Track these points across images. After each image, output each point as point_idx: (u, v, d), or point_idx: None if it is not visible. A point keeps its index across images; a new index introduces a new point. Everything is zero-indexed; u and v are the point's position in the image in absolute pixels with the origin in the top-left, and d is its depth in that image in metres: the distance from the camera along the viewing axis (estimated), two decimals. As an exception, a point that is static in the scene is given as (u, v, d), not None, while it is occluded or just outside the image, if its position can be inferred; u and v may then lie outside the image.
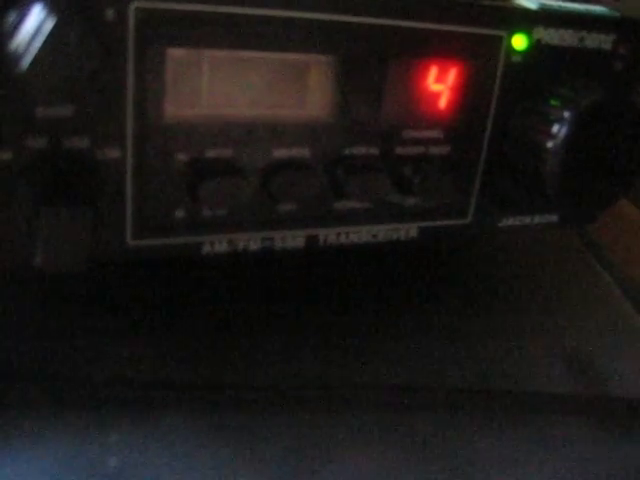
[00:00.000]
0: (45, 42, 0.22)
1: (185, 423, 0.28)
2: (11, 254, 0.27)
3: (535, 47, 0.34)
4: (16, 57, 0.23)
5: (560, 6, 0.35)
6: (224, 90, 0.29)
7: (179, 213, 0.29)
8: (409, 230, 0.35)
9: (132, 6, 0.26)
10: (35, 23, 0.23)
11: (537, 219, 0.38)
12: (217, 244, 0.31)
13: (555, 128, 0.32)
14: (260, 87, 0.29)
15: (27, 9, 0.24)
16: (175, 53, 0.27)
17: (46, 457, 0.25)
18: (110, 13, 0.25)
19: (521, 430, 0.31)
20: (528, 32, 0.33)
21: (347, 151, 0.32)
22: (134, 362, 0.30)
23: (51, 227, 0.24)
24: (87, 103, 0.26)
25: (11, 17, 0.24)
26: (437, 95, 0.33)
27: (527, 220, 0.38)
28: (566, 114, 0.32)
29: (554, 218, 0.39)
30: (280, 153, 0.30)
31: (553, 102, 0.33)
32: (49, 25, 0.22)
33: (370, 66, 0.31)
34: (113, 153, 0.27)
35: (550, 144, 0.32)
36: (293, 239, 0.32)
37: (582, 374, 0.35)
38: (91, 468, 0.25)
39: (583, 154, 0.33)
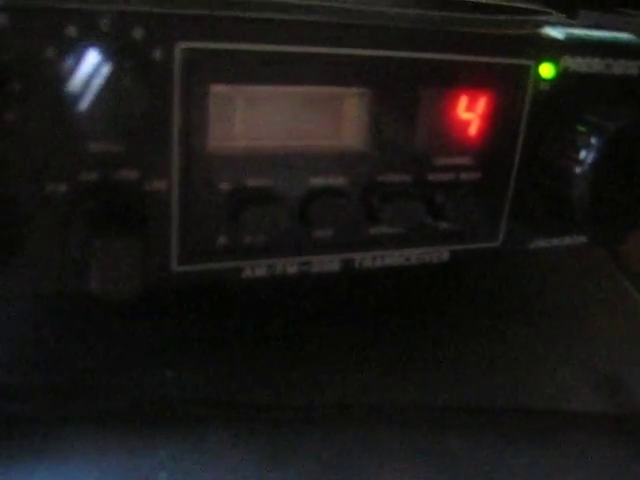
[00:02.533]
0: (103, 84, 0.24)
1: (229, 440, 0.29)
2: (67, 280, 0.28)
3: (562, 75, 0.35)
4: (73, 98, 0.25)
5: (586, 34, 0.36)
6: (263, 123, 0.30)
7: (221, 240, 0.31)
8: (441, 253, 0.36)
9: (178, 47, 0.27)
10: (91, 67, 0.25)
11: (566, 241, 0.39)
12: (257, 269, 0.32)
13: (583, 154, 0.33)
14: (297, 119, 0.31)
15: (83, 54, 0.25)
16: (217, 89, 0.29)
17: (101, 471, 0.27)
18: (158, 54, 0.27)
19: (556, 449, 0.31)
20: (555, 61, 0.34)
21: (381, 178, 0.33)
22: (179, 382, 0.31)
23: (105, 256, 0.26)
24: (136, 138, 0.28)
25: (68, 61, 0.26)
26: (467, 123, 0.34)
27: (556, 242, 0.39)
28: (593, 140, 0.33)
29: (583, 240, 0.39)
30: (317, 181, 0.32)
31: (580, 128, 0.34)
32: (106, 69, 0.24)
33: (402, 97, 0.32)
34: (160, 185, 0.29)
35: (578, 169, 0.33)
36: (329, 263, 0.33)
37: (613, 393, 0.35)
38: (143, 481, 0.27)
39: (610, 178, 0.34)
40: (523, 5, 0.39)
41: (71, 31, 0.26)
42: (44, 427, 0.28)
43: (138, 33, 0.26)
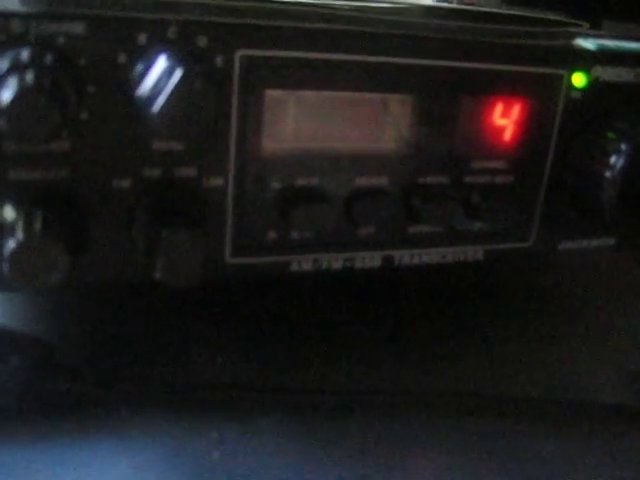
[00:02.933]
0: (171, 88, 0.26)
1: (275, 423, 0.31)
2: (132, 270, 0.30)
3: (593, 84, 0.36)
4: (142, 100, 0.27)
5: (617, 45, 0.37)
6: (313, 126, 0.32)
7: (271, 235, 0.33)
8: (476, 252, 0.37)
9: (238, 54, 0.29)
10: (159, 72, 0.27)
11: (595, 242, 0.40)
12: (304, 263, 0.34)
13: (613, 159, 0.35)
14: (344, 123, 0.33)
15: (152, 60, 0.27)
16: (272, 94, 0.31)
17: (160, 448, 0.29)
18: (219, 60, 0.29)
19: (583, 440, 0.32)
20: (587, 70, 0.36)
21: (421, 180, 0.34)
22: (229, 368, 0.33)
23: (169, 246, 0.28)
24: (196, 138, 0.29)
25: (138, 66, 0.28)
26: (503, 129, 0.35)
27: (585, 243, 0.40)
28: (623, 146, 0.35)
29: (611, 242, 0.41)
30: (361, 182, 0.33)
31: (610, 135, 0.36)
32: (174, 74, 0.26)
33: (442, 103, 0.34)
34: (217, 182, 0.31)
35: (608, 174, 0.35)
36: (371, 259, 0.35)
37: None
38: (199, 459, 0.28)
39: (638, 183, 0.35)
40: (556, 17, 0.40)
41: (141, 39, 0.28)
42: (107, 407, 0.30)
43: (202, 41, 0.29)
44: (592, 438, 0.32)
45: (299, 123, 0.32)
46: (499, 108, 0.35)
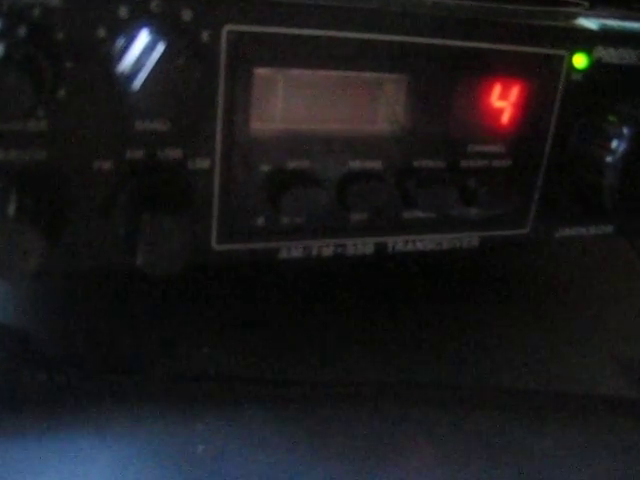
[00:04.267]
0: (154, 64, 0.24)
1: (263, 415, 0.30)
2: (113, 256, 0.29)
3: (595, 66, 0.35)
4: (123, 77, 0.26)
5: (620, 26, 0.36)
6: (304, 106, 0.31)
7: (260, 220, 0.32)
8: (471, 239, 0.36)
9: (225, 29, 0.28)
10: (141, 47, 0.25)
11: (593, 230, 0.40)
12: (293, 250, 0.33)
13: (614, 144, 0.34)
14: (337, 103, 0.31)
15: (133, 34, 0.26)
16: (261, 72, 0.29)
17: (143, 442, 0.28)
18: (205, 36, 0.28)
19: (582, 432, 0.32)
20: (588, 51, 0.35)
21: (416, 164, 0.33)
22: (215, 359, 0.32)
23: (152, 231, 0.26)
24: (181, 118, 0.28)
25: (119, 41, 0.26)
26: (500, 111, 0.34)
27: (583, 231, 0.39)
28: (625, 130, 0.34)
29: (609, 229, 0.40)
30: (354, 165, 0.32)
31: (612, 118, 0.35)
32: (160, 49, 0.25)
33: (438, 84, 0.33)
34: (203, 164, 0.29)
35: (609, 159, 0.34)
36: (363, 246, 0.34)
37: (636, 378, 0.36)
38: (182, 453, 0.27)
39: (640, 168, 0.34)
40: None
41: (122, 12, 0.26)
42: (84, 398, 0.29)
43: (187, 15, 0.27)
44: (589, 432, 0.32)
45: (289, 103, 0.31)
46: (497, 90, 0.34)
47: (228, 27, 0.28)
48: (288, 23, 0.29)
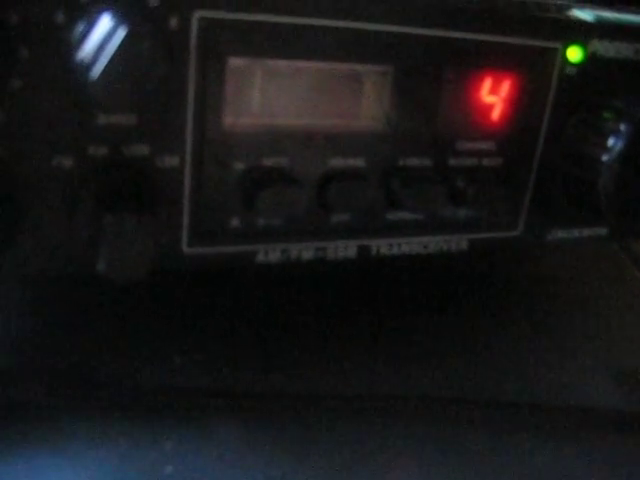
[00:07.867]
0: (117, 51, 0.23)
1: (237, 431, 0.28)
2: (73, 261, 0.27)
3: (590, 59, 0.34)
4: (84, 66, 0.24)
5: (616, 18, 0.35)
6: (282, 100, 0.29)
7: (234, 222, 0.30)
8: (460, 242, 0.35)
9: (195, 15, 0.26)
10: (103, 33, 0.24)
11: (586, 232, 0.38)
12: (271, 253, 0.31)
13: (610, 141, 0.32)
14: (316, 97, 0.30)
15: (94, 20, 0.24)
16: (235, 62, 0.28)
17: (105, 464, 0.26)
18: (174, 22, 0.26)
19: (573, 445, 0.30)
20: (583, 44, 0.33)
21: (401, 162, 0.32)
22: (185, 370, 0.31)
23: (114, 234, 0.25)
24: (148, 111, 0.26)
25: (79, 27, 0.24)
26: (491, 107, 0.33)
27: (576, 233, 0.38)
28: (622, 127, 0.32)
29: (603, 231, 0.39)
30: (336, 163, 0.31)
31: (607, 115, 0.33)
32: (121, 35, 0.23)
33: (425, 77, 0.31)
34: (172, 161, 0.28)
35: (605, 157, 0.32)
36: (345, 249, 0.32)
37: (633, 389, 0.34)
38: (149, 474, 0.26)
39: (638, 167, 0.33)
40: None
41: (83, -5, 0.24)
42: (45, 413, 0.27)
43: (153, -1, 0.25)
44: (579, 444, 0.31)
45: (266, 96, 0.29)
46: (487, 84, 0.33)
47: (200, 13, 0.26)
48: (265, 9, 0.27)
